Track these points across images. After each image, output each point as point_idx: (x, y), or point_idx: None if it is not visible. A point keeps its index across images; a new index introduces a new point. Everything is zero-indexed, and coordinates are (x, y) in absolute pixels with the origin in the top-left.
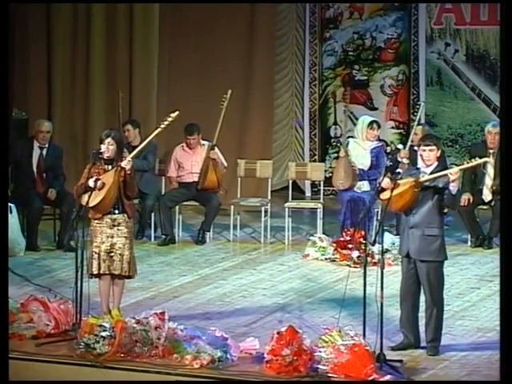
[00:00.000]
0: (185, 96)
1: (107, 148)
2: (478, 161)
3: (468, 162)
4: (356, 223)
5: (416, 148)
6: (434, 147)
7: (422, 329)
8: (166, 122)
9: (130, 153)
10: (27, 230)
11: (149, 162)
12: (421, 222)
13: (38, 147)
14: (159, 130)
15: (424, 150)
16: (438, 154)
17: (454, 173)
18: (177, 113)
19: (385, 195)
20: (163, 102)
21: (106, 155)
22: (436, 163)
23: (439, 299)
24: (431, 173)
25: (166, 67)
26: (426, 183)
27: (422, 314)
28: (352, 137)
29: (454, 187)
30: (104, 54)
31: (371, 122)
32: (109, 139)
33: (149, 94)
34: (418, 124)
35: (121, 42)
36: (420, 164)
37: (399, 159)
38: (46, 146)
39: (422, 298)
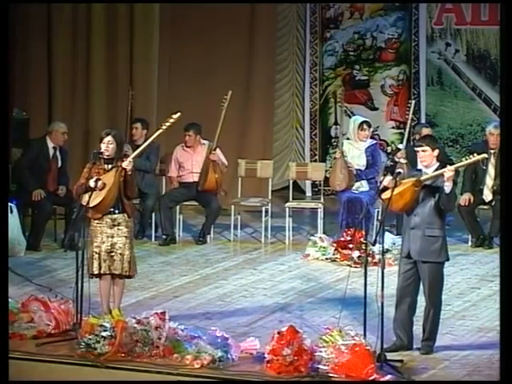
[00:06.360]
0: (185, 96)
1: (107, 147)
2: (476, 158)
3: (467, 159)
4: (353, 223)
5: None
6: (426, 147)
7: (418, 330)
8: (168, 124)
9: (133, 151)
10: (33, 230)
11: (151, 162)
12: (421, 223)
13: (53, 147)
14: (161, 131)
15: (417, 151)
16: (435, 154)
17: (449, 170)
18: (178, 114)
19: (386, 194)
20: (164, 102)
21: (105, 154)
22: (437, 164)
23: (436, 301)
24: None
25: (166, 68)
26: (427, 182)
27: (420, 314)
28: (349, 138)
29: (447, 186)
30: (104, 54)
31: (361, 123)
32: (108, 138)
33: (149, 95)
34: (416, 124)
35: (121, 43)
36: (419, 165)
37: (396, 159)
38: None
39: (420, 299)
